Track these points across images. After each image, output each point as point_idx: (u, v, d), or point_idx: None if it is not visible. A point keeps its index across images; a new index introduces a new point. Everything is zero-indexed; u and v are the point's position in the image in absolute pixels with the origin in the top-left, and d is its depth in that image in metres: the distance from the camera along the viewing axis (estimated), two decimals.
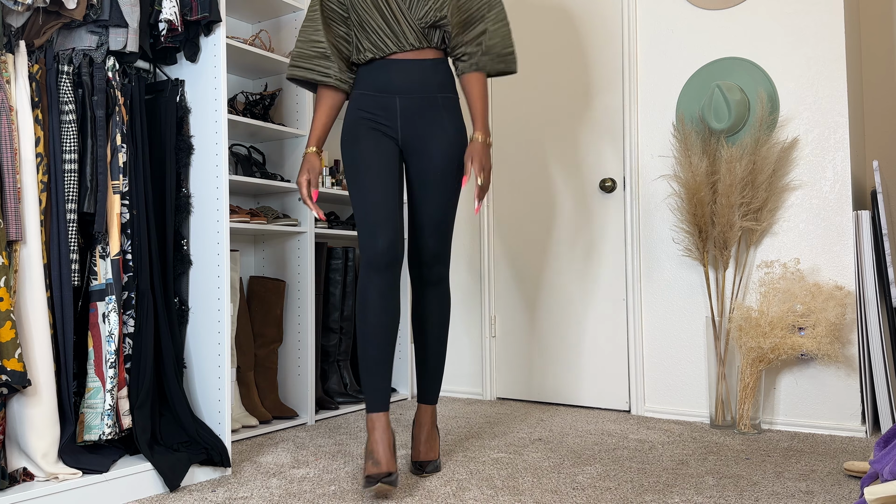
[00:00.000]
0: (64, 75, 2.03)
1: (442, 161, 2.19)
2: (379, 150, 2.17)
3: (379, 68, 2.19)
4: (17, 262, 1.91)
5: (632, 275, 3.14)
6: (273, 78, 3.19)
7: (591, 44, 3.28)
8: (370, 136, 2.18)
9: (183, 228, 2.35)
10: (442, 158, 2.18)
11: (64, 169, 2.02)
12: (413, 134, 2.19)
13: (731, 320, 2.78)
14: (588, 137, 3.28)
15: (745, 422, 2.72)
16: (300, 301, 3.02)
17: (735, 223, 2.78)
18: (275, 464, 2.37)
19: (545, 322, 3.38)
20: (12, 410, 1.92)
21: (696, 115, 2.98)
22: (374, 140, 2.17)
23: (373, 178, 2.14)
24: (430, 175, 2.19)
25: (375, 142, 2.17)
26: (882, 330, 2.64)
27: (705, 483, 2.09)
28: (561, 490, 2.05)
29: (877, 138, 3.26)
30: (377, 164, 2.15)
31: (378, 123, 2.18)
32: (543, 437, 2.69)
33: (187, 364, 2.34)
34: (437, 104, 2.19)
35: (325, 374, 3.29)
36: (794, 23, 2.84)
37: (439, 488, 2.07)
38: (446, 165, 2.19)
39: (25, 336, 1.91)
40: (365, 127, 2.18)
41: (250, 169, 2.99)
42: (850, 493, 1.97)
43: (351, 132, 2.20)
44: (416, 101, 2.18)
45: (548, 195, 3.38)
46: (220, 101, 2.29)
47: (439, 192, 2.20)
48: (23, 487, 1.84)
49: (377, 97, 2.19)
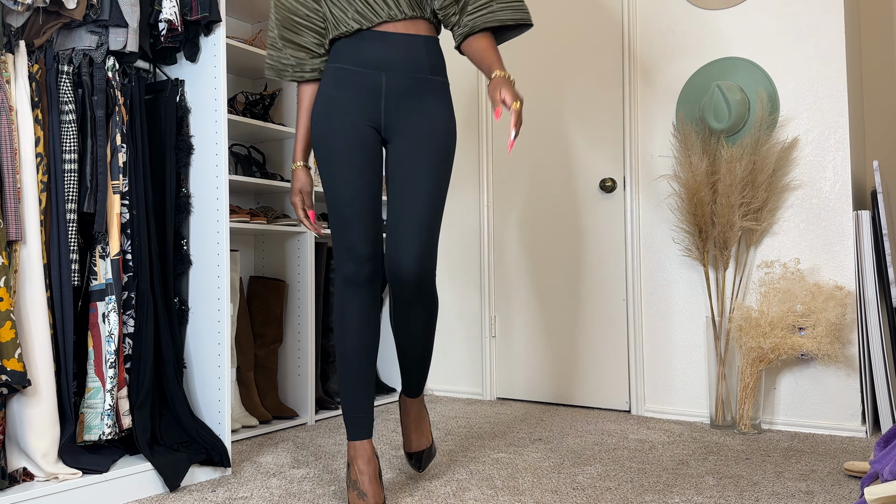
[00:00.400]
0: (64, 75, 2.03)
1: (430, 150, 1.88)
2: (358, 141, 1.88)
3: (365, 40, 1.88)
4: (17, 262, 1.91)
5: (632, 275, 3.14)
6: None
7: (591, 44, 3.28)
8: (347, 123, 1.88)
9: (183, 228, 2.35)
10: (431, 147, 1.88)
11: (64, 169, 2.02)
12: (398, 118, 1.89)
13: (731, 320, 2.78)
14: (588, 137, 3.28)
15: (745, 422, 2.72)
16: (300, 301, 3.02)
17: (735, 223, 2.78)
18: (275, 464, 2.37)
19: (545, 322, 3.38)
20: (12, 410, 1.92)
21: (696, 115, 2.98)
22: (352, 127, 1.88)
23: (351, 176, 1.87)
24: (416, 165, 1.87)
25: (354, 130, 1.88)
26: (882, 330, 2.64)
27: (705, 483, 2.09)
28: (561, 490, 2.05)
29: (877, 138, 3.26)
30: (357, 158, 1.88)
31: (357, 105, 1.88)
32: (543, 437, 2.69)
33: (187, 364, 2.34)
34: (428, 87, 1.90)
35: (325, 374, 3.29)
36: (794, 23, 2.84)
37: (439, 488, 2.07)
38: (435, 155, 1.89)
39: (25, 336, 1.90)
40: (341, 110, 1.88)
41: (250, 169, 2.99)
42: (850, 494, 1.97)
43: (324, 116, 1.90)
44: (405, 80, 1.88)
45: (548, 195, 3.38)
46: (220, 101, 2.29)
47: (426, 186, 1.87)
48: (23, 487, 1.84)
49: (360, 73, 1.87)
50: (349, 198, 1.87)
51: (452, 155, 1.96)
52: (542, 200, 3.40)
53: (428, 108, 1.90)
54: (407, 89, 1.89)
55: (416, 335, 2.00)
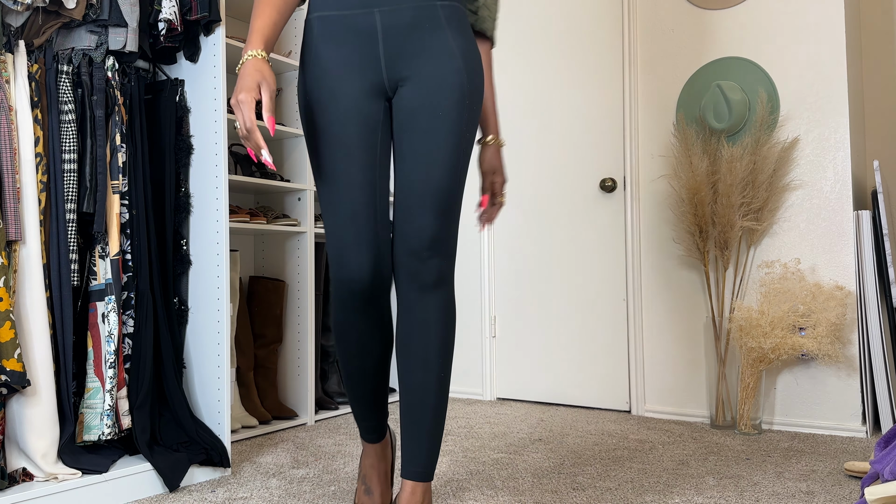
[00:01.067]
0: (63, 75, 2.03)
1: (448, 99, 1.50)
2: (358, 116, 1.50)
3: None
4: (17, 262, 1.91)
5: (632, 275, 3.14)
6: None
7: (591, 44, 3.27)
8: (342, 92, 1.49)
9: (183, 228, 2.35)
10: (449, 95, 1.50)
11: (63, 169, 2.01)
12: (403, 65, 1.51)
13: (731, 320, 2.78)
14: (588, 137, 3.27)
15: (745, 422, 2.72)
16: (300, 301, 3.02)
17: (735, 223, 2.78)
18: (274, 464, 2.36)
19: (545, 322, 3.38)
20: (12, 410, 1.92)
21: (696, 115, 2.98)
22: (348, 97, 1.49)
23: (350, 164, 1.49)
24: (430, 121, 1.50)
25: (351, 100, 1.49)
26: (882, 330, 2.64)
27: (705, 483, 2.09)
28: (561, 490, 2.04)
29: (877, 138, 3.26)
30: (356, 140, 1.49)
31: (350, 67, 1.50)
32: (543, 437, 2.69)
33: (187, 364, 2.34)
34: (435, 15, 1.51)
35: (324, 374, 3.29)
36: (794, 22, 2.84)
37: (439, 488, 2.07)
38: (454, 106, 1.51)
39: (25, 336, 1.90)
40: (332, 78, 1.50)
41: (250, 169, 2.99)
42: (850, 494, 1.96)
43: (312, 87, 1.52)
44: (404, 13, 1.50)
45: (548, 195, 3.38)
46: (219, 100, 2.29)
47: (443, 146, 1.50)
48: (22, 487, 1.84)
49: (348, 18, 1.50)
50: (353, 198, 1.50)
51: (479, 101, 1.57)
52: (543, 200, 3.39)
53: (441, 41, 1.52)
54: (410, 24, 1.50)
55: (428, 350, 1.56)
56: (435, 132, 1.50)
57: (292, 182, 3.02)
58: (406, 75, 1.52)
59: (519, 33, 3.48)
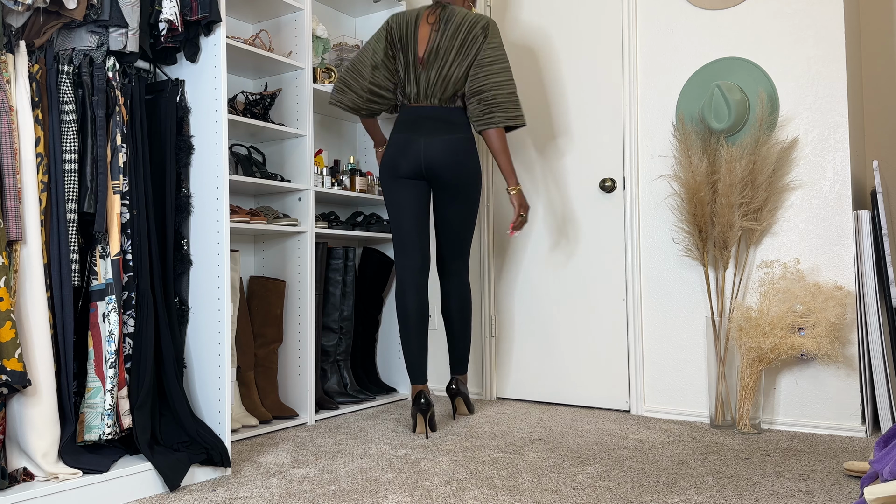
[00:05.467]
0: (64, 75, 2.03)
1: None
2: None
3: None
4: (18, 262, 1.91)
5: (632, 275, 3.14)
6: (273, 78, 3.19)
7: (590, 44, 3.28)
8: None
9: (183, 228, 2.35)
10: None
11: (64, 169, 2.02)
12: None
13: (731, 320, 2.78)
14: (588, 137, 3.28)
15: (745, 422, 2.72)
16: (300, 301, 3.03)
17: (735, 223, 2.78)
18: (275, 464, 2.37)
19: (545, 322, 3.38)
20: (12, 410, 1.92)
21: (696, 115, 2.98)
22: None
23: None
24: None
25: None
26: (882, 330, 2.64)
27: (705, 483, 2.09)
28: (561, 490, 2.05)
29: (877, 138, 3.26)
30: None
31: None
32: (543, 437, 2.69)
33: (187, 364, 2.34)
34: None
35: (324, 374, 3.29)
36: (794, 23, 2.84)
37: (439, 488, 2.08)
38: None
39: (25, 336, 1.91)
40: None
41: (250, 169, 2.99)
42: (850, 493, 1.97)
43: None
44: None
45: (548, 195, 3.38)
46: (220, 101, 2.29)
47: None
48: (23, 487, 1.84)
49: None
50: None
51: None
52: (543, 200, 3.40)
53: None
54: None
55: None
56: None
57: (292, 182, 3.02)
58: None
59: (519, 32, 3.48)
